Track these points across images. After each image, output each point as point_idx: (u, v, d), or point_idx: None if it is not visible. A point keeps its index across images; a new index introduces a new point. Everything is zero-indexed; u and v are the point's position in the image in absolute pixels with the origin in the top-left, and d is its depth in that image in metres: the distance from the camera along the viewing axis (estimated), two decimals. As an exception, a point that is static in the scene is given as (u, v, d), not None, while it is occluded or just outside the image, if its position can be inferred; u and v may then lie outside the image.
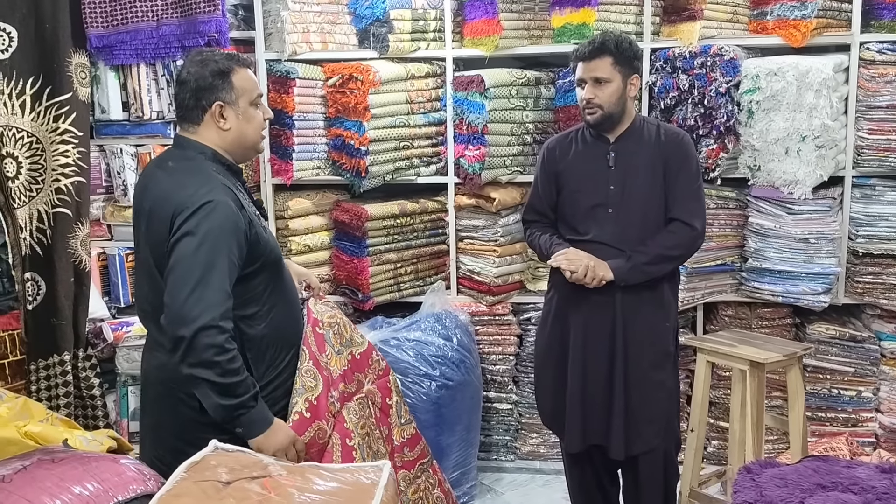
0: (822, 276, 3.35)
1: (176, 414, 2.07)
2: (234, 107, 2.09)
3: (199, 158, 2.07)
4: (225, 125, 2.09)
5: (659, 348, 2.73)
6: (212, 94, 2.07)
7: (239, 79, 2.10)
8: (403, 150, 3.59)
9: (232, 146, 2.12)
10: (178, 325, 1.85)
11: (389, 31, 3.54)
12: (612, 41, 2.62)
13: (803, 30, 3.30)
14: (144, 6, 3.42)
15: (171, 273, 1.90)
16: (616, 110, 2.65)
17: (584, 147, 2.76)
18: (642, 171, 2.67)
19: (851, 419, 3.47)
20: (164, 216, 1.97)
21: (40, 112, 3.16)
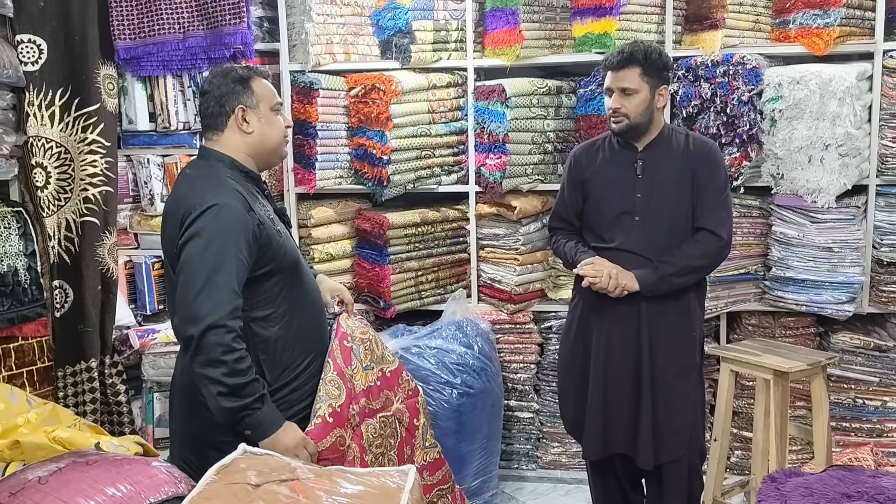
0: (846, 284, 3.33)
1: (198, 416, 2.10)
2: (256, 110, 2.18)
3: (217, 166, 2.14)
4: (248, 128, 2.17)
5: (684, 359, 2.72)
6: (234, 99, 2.15)
7: (259, 86, 2.20)
8: (425, 159, 3.62)
9: (255, 150, 2.19)
10: (188, 325, 1.92)
11: (411, 42, 3.57)
12: (641, 52, 2.62)
13: (826, 38, 3.29)
14: (171, 18, 3.48)
15: (181, 275, 1.98)
16: (642, 121, 2.66)
17: (612, 155, 2.77)
18: (670, 179, 2.67)
19: (876, 429, 3.44)
20: (175, 219, 2.06)
21: (69, 123, 3.22)
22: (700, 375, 2.83)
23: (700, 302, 2.79)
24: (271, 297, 2.12)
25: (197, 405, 2.08)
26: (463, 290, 3.75)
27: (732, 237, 2.76)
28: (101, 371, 3.34)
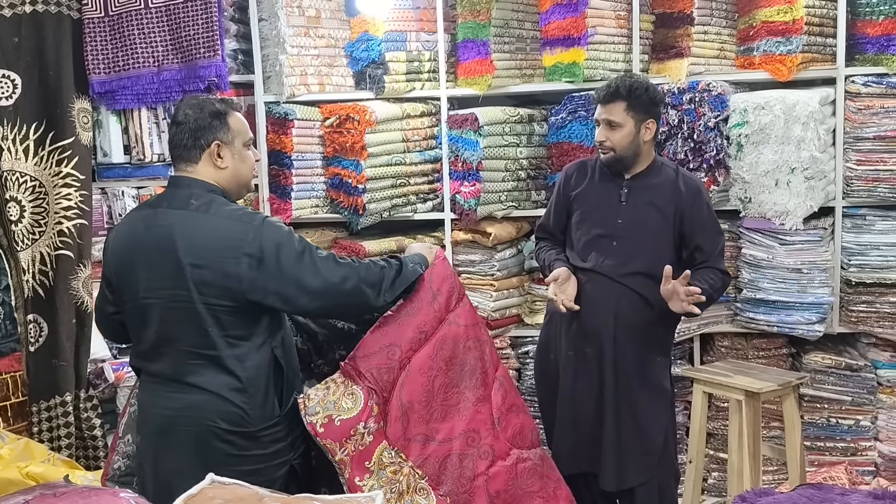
0: (816, 305, 3.38)
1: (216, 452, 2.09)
2: (231, 146, 2.20)
3: (217, 191, 2.18)
4: (222, 164, 2.19)
5: (651, 381, 2.76)
6: (211, 134, 2.17)
7: (234, 121, 2.22)
8: (400, 187, 3.65)
9: (228, 184, 2.21)
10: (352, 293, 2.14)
11: (385, 73, 3.62)
12: (626, 87, 2.69)
13: (789, 64, 3.37)
14: (146, 52, 3.51)
15: (296, 277, 2.07)
16: (628, 154, 2.73)
17: (601, 178, 2.84)
18: (654, 212, 2.73)
19: (850, 448, 3.47)
20: (230, 252, 2.05)
21: (43, 156, 3.23)
22: (670, 399, 2.86)
23: (667, 327, 2.84)
24: (281, 323, 2.23)
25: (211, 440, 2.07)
26: (440, 316, 3.76)
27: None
28: (76, 405, 3.32)
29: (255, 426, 2.12)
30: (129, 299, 2.17)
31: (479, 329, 2.50)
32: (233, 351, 2.09)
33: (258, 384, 2.12)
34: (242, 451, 2.11)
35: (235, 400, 2.09)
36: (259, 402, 2.12)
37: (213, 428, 2.08)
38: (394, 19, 3.63)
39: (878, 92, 3.31)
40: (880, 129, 3.30)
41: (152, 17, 3.45)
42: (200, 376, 2.10)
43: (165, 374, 2.14)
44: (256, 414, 2.12)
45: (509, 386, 2.55)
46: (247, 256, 2.06)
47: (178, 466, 2.08)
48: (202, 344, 2.09)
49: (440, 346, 2.34)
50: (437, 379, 2.33)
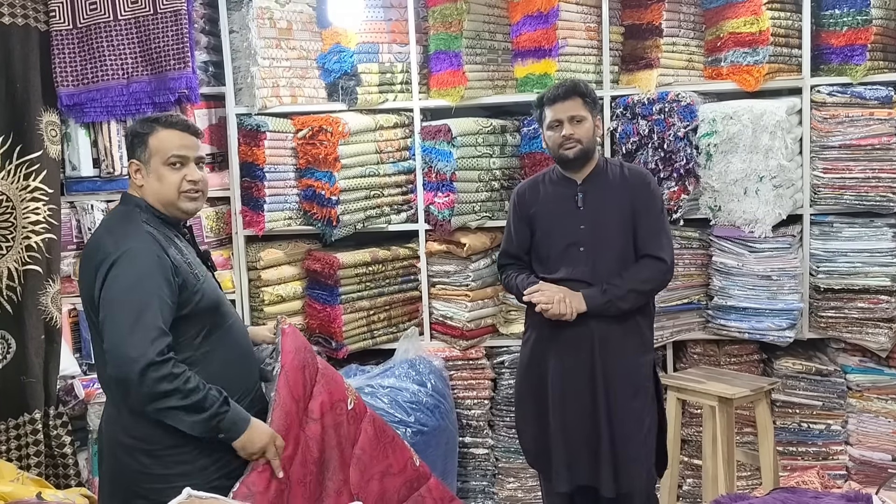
0: (786, 311, 3.43)
1: (123, 466, 2.13)
2: (146, 166, 2.21)
3: (133, 211, 2.19)
4: (139, 181, 2.22)
5: (638, 383, 2.77)
6: (129, 153, 2.24)
7: (156, 139, 2.19)
8: (374, 198, 3.65)
9: (152, 201, 2.22)
10: (123, 369, 1.96)
11: (357, 84, 3.62)
12: (581, 84, 2.80)
13: (756, 75, 3.43)
14: (115, 64, 3.47)
15: (106, 322, 2.01)
16: (591, 147, 2.79)
17: (554, 189, 2.86)
18: (610, 210, 2.77)
19: (822, 452, 3.52)
20: (90, 267, 2.09)
21: (11, 170, 3.17)
22: (657, 401, 2.86)
23: (649, 326, 2.86)
24: (188, 340, 2.12)
25: (122, 453, 2.12)
26: (415, 327, 3.76)
27: (675, 260, 2.87)
28: (46, 423, 3.26)
29: (158, 444, 2.08)
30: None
31: (335, 411, 2.42)
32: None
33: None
34: (145, 469, 2.10)
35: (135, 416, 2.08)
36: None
37: (120, 442, 2.13)
38: (366, 31, 3.64)
39: (842, 101, 3.37)
40: (846, 137, 3.36)
41: (121, 29, 3.42)
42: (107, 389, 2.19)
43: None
44: (158, 432, 2.07)
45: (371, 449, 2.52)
46: (98, 273, 2.07)
47: (104, 474, 2.22)
48: (98, 356, 2.16)
49: (306, 450, 2.29)
50: (311, 484, 2.29)
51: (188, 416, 1.99)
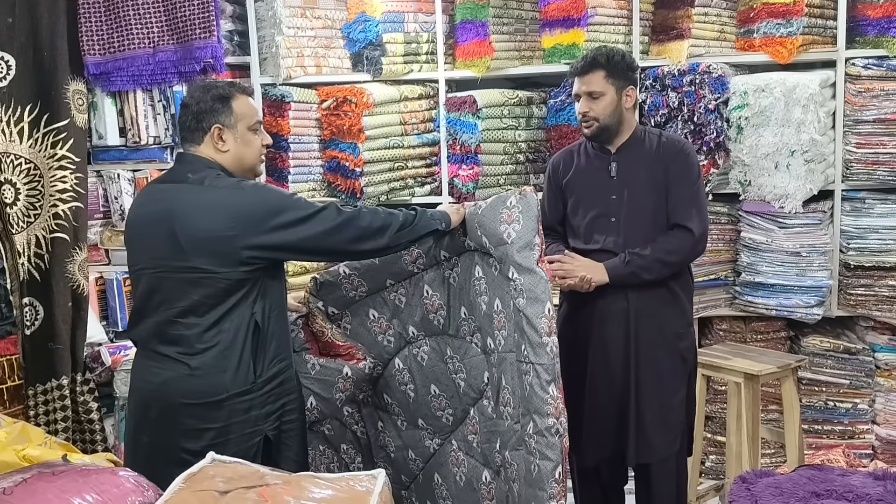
0: (815, 288, 3.38)
1: (172, 433, 2.13)
2: (233, 130, 2.21)
3: (218, 169, 2.19)
4: (223, 147, 2.21)
5: (675, 355, 2.72)
6: (212, 117, 2.19)
7: (238, 104, 2.23)
8: (398, 170, 3.63)
9: (230, 166, 2.23)
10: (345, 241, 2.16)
11: (382, 55, 3.59)
12: (604, 55, 2.67)
13: (789, 47, 3.35)
14: (141, 33, 3.47)
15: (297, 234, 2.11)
16: (612, 122, 2.69)
17: (587, 159, 2.80)
18: (644, 180, 2.70)
19: (848, 431, 3.48)
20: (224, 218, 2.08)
21: (38, 139, 3.19)
22: (692, 374, 2.82)
23: (688, 298, 2.79)
24: (272, 288, 2.21)
25: (176, 419, 2.12)
26: (438, 300, 3.75)
27: (708, 233, 2.76)
28: (73, 389, 3.30)
29: (226, 392, 2.11)
30: (130, 270, 2.26)
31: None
32: (213, 317, 2.11)
33: (234, 349, 2.12)
34: (211, 423, 2.12)
35: (205, 368, 2.11)
36: (233, 367, 2.12)
37: (180, 402, 2.12)
38: (391, 0, 3.60)
39: (878, 74, 3.30)
40: (880, 111, 3.29)
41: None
42: (177, 346, 2.13)
43: (148, 344, 2.19)
44: (228, 380, 2.11)
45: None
46: (241, 220, 2.09)
47: (152, 440, 2.17)
48: (183, 312, 2.12)
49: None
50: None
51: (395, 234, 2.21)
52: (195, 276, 2.10)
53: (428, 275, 2.50)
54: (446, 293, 2.50)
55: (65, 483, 1.46)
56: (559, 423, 2.11)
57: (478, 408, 2.50)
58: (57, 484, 1.45)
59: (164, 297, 2.14)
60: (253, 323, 2.14)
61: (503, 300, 2.27)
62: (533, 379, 2.14)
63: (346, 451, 2.66)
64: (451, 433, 2.58)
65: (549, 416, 2.11)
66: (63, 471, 1.49)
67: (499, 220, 2.24)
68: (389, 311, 2.57)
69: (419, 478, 2.65)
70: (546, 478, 2.09)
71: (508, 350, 2.27)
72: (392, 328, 2.58)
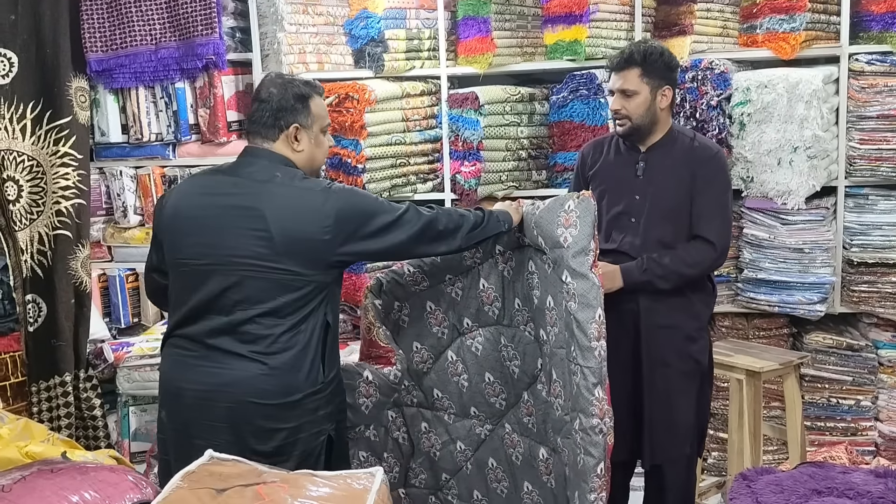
0: (818, 285, 3.37)
1: (248, 428, 2.03)
2: (309, 131, 2.19)
3: (298, 171, 2.16)
4: (298, 147, 2.18)
5: (687, 358, 2.68)
6: (291, 116, 2.16)
7: (315, 105, 2.20)
8: (400, 167, 3.63)
9: (301, 165, 2.19)
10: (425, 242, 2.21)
11: (384, 51, 3.59)
12: (640, 53, 2.60)
13: (792, 42, 3.34)
14: (143, 30, 3.48)
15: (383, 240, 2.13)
16: (644, 122, 2.63)
17: (616, 154, 2.75)
18: (670, 183, 2.64)
19: (851, 428, 3.47)
20: (316, 221, 2.06)
21: (41, 136, 3.21)
22: (706, 377, 2.77)
23: (704, 301, 2.73)
24: (339, 287, 2.24)
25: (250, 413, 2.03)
26: (440, 297, 3.75)
27: (728, 247, 2.68)
28: (76, 385, 3.32)
29: (300, 393, 2.06)
30: (185, 262, 2.11)
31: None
32: (294, 318, 2.07)
33: (308, 350, 2.09)
34: (284, 424, 2.05)
35: (284, 369, 2.05)
36: (307, 367, 2.08)
37: (252, 402, 2.03)
38: (393, -4, 3.60)
39: (882, 70, 3.28)
40: (884, 107, 3.27)
41: (149, -5, 3.43)
42: (252, 345, 2.04)
43: (208, 340, 2.07)
44: (301, 380, 2.07)
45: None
46: (337, 226, 2.07)
47: (212, 443, 1.97)
48: (266, 313, 2.05)
49: None
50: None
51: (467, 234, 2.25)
52: (286, 277, 2.05)
53: (484, 268, 2.53)
54: (501, 285, 2.52)
55: (63, 480, 1.46)
56: (603, 423, 2.17)
57: (531, 391, 2.52)
58: (55, 481, 1.46)
59: (245, 296, 2.05)
60: (325, 323, 2.13)
61: (555, 298, 2.30)
62: (580, 380, 2.19)
63: (386, 460, 2.63)
64: (502, 417, 2.60)
65: (593, 417, 2.17)
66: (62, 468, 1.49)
67: (556, 223, 2.26)
68: (446, 303, 2.58)
69: (466, 468, 2.65)
70: (588, 472, 2.16)
71: (559, 346, 2.30)
72: (447, 320, 2.59)
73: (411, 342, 2.61)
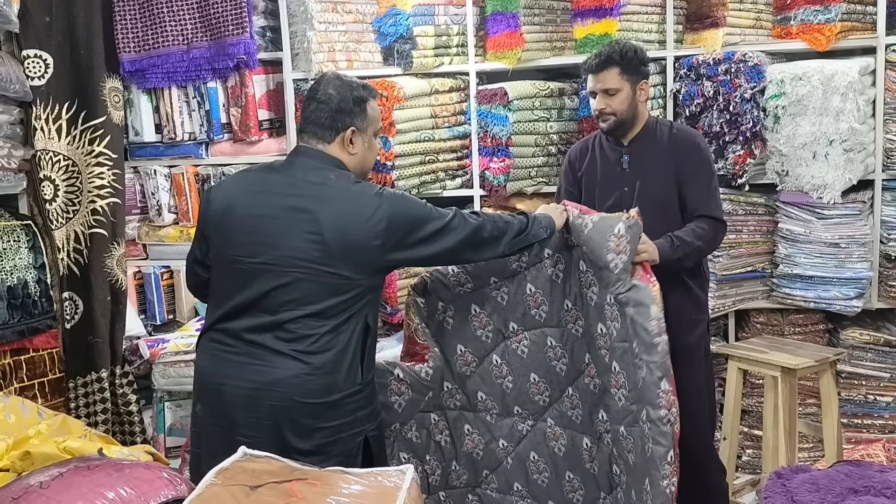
0: (855, 280, 3.31)
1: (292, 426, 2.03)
2: (364, 134, 2.20)
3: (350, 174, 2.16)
4: (353, 150, 2.18)
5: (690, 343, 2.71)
6: (349, 119, 2.16)
7: (372, 108, 2.21)
8: (429, 163, 3.63)
9: (353, 167, 2.19)
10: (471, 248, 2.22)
11: (413, 48, 3.59)
12: (617, 52, 2.72)
13: (827, 34, 3.28)
14: (175, 30, 3.51)
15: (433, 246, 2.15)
16: (627, 116, 2.76)
17: (601, 151, 2.86)
18: (654, 172, 2.75)
19: (889, 425, 3.41)
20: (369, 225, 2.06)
21: (76, 136, 3.26)
22: (705, 361, 2.81)
23: (700, 287, 2.80)
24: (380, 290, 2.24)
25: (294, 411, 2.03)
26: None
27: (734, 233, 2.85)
28: (112, 381, 3.37)
29: (339, 393, 2.07)
30: (237, 258, 2.10)
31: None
32: (338, 320, 2.08)
33: (348, 351, 2.09)
34: (325, 423, 2.06)
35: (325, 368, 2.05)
36: (346, 368, 2.08)
37: (296, 401, 2.03)
38: (422, -7, 3.60)
39: (920, 61, 3.21)
40: (922, 99, 3.21)
41: (181, -5, 3.46)
42: (295, 344, 2.04)
43: (250, 336, 2.06)
44: (341, 381, 2.08)
45: None
46: (388, 232, 2.08)
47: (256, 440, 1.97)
48: (314, 314, 2.05)
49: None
50: None
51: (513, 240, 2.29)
52: (337, 281, 2.06)
53: (530, 273, 2.54)
54: (549, 289, 2.53)
55: (99, 477, 1.49)
56: (671, 413, 2.23)
57: (576, 385, 2.55)
58: (92, 478, 1.48)
59: (295, 297, 2.05)
60: (365, 325, 2.13)
61: (615, 296, 2.35)
62: (646, 375, 2.25)
63: (428, 462, 2.64)
64: (544, 412, 2.61)
65: (661, 408, 2.24)
66: (98, 465, 1.52)
67: (606, 248, 2.32)
68: (490, 307, 2.59)
69: (506, 462, 2.66)
70: (659, 460, 2.23)
71: (621, 340, 2.35)
72: (492, 324, 2.60)
73: (455, 345, 2.61)
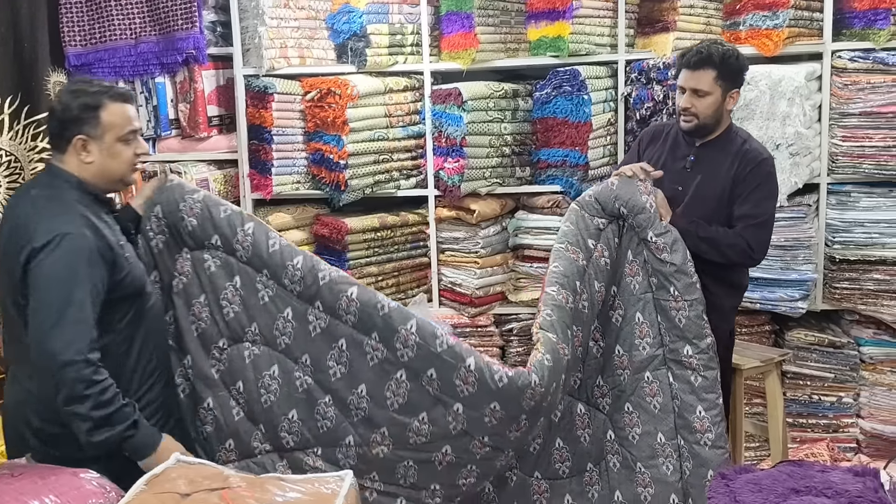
0: (800, 282, 3.37)
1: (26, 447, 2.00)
2: (99, 142, 2.07)
3: (63, 187, 2.05)
4: (87, 158, 2.07)
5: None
6: (76, 127, 2.05)
7: (108, 114, 2.07)
8: (383, 163, 3.61)
9: (94, 178, 2.09)
10: (45, 362, 1.88)
11: (367, 46, 3.56)
12: (719, 55, 2.60)
13: (775, 39, 3.33)
14: (123, 24, 3.44)
15: (32, 309, 1.91)
16: (710, 121, 2.67)
17: (672, 142, 2.80)
18: (714, 181, 2.68)
19: (832, 425, 3.48)
20: (14, 248, 1.95)
21: (18, 131, 3.17)
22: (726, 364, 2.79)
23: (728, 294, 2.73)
24: (112, 324, 2.05)
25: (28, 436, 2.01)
26: (424, 294, 3.74)
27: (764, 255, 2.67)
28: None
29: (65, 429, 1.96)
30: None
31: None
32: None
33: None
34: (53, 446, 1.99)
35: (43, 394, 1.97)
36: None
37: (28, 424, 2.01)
38: (376, -9, 3.57)
39: (864, 67, 3.28)
40: (866, 104, 3.28)
41: (129, -12, 3.39)
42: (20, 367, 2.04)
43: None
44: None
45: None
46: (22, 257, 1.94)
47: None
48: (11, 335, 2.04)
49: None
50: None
51: (92, 431, 1.88)
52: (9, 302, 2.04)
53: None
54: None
55: (23, 485, 1.44)
56: (713, 339, 2.58)
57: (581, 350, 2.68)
58: (15, 486, 1.43)
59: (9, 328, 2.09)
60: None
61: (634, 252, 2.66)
62: (690, 312, 2.57)
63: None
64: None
65: (707, 337, 2.56)
66: (23, 472, 1.47)
67: (639, 191, 2.62)
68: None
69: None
70: (713, 384, 2.56)
71: (644, 291, 2.65)
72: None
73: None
